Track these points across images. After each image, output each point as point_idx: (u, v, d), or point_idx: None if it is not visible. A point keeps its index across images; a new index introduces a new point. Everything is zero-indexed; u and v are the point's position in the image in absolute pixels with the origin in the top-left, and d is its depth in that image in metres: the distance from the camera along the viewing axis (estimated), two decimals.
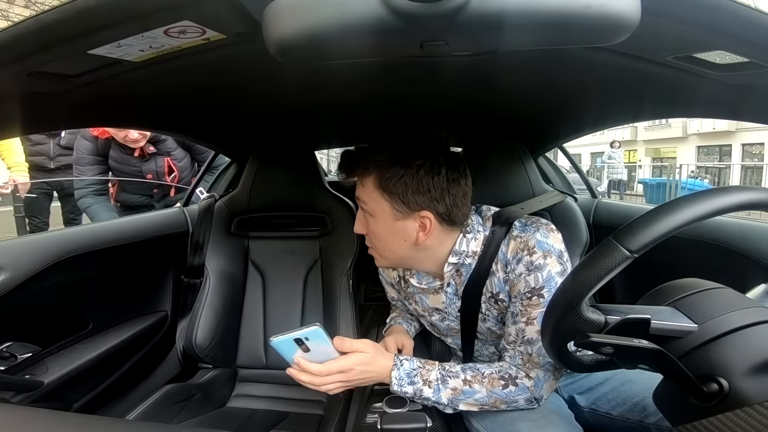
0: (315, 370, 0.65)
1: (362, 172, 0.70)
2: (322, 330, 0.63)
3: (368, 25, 0.33)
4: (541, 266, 0.66)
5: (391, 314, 1.00)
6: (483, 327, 0.79)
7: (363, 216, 0.74)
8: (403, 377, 0.70)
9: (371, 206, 0.70)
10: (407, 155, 0.67)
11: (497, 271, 0.72)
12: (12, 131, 0.77)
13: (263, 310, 1.24)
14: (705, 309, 0.42)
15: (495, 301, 0.74)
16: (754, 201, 0.40)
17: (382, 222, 0.70)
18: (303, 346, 0.64)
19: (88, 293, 1.03)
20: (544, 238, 0.68)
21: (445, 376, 0.70)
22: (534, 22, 0.33)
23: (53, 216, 2.75)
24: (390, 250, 0.73)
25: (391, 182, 0.66)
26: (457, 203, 0.68)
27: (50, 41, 0.44)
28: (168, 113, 0.91)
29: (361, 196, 0.71)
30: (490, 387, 0.69)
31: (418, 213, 0.67)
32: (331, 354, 0.67)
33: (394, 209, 0.68)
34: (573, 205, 1.22)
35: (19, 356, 0.87)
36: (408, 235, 0.69)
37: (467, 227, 0.73)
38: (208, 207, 1.25)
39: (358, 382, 0.69)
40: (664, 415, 0.47)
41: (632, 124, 10.03)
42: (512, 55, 0.56)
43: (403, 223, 0.69)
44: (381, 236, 0.72)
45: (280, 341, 0.63)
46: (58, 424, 0.39)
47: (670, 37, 0.46)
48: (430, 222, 0.68)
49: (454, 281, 0.77)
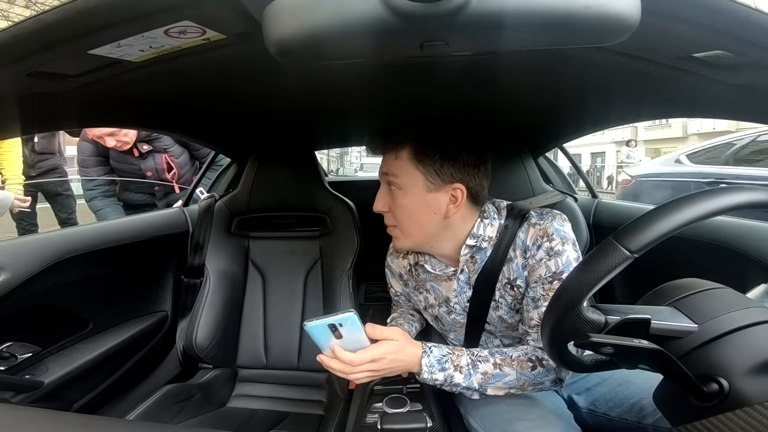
0: (348, 358, 0.65)
1: (397, 145, 0.72)
2: (357, 316, 0.63)
3: (368, 25, 0.33)
4: (560, 252, 0.69)
5: (391, 315, 1.00)
6: (494, 316, 0.79)
7: (388, 192, 0.75)
8: (434, 364, 0.70)
9: (403, 179, 0.72)
10: (442, 131, 0.71)
11: (516, 257, 0.74)
12: (12, 131, 0.77)
13: (263, 310, 1.24)
14: (705, 309, 0.42)
15: (511, 287, 0.75)
16: (755, 201, 0.40)
17: (413, 194, 0.71)
18: (336, 333, 0.64)
19: (88, 293, 1.03)
20: (560, 226, 0.72)
21: (475, 361, 0.71)
22: (534, 22, 0.33)
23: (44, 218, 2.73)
24: (417, 224, 0.73)
25: (428, 155, 0.69)
26: (483, 183, 0.73)
27: (50, 41, 0.44)
28: (168, 113, 0.91)
29: (393, 169, 0.73)
30: (520, 369, 0.69)
31: (451, 185, 0.71)
32: (362, 342, 0.66)
33: (427, 181, 0.70)
34: (573, 205, 1.23)
35: (19, 356, 0.87)
36: (439, 207, 0.72)
37: (485, 213, 0.76)
38: (209, 207, 1.25)
39: (387, 371, 0.69)
40: (664, 415, 0.47)
41: (632, 124, 10.04)
42: (512, 55, 0.56)
43: (435, 195, 0.71)
44: (410, 210, 0.73)
45: (315, 326, 0.63)
46: (58, 424, 0.39)
47: (670, 37, 0.46)
48: (462, 194, 0.71)
49: (468, 268, 0.78)
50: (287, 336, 1.21)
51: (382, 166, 0.75)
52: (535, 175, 1.18)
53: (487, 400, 0.74)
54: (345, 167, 17.74)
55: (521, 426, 0.66)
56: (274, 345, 1.22)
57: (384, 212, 0.76)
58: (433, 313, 0.89)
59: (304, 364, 1.19)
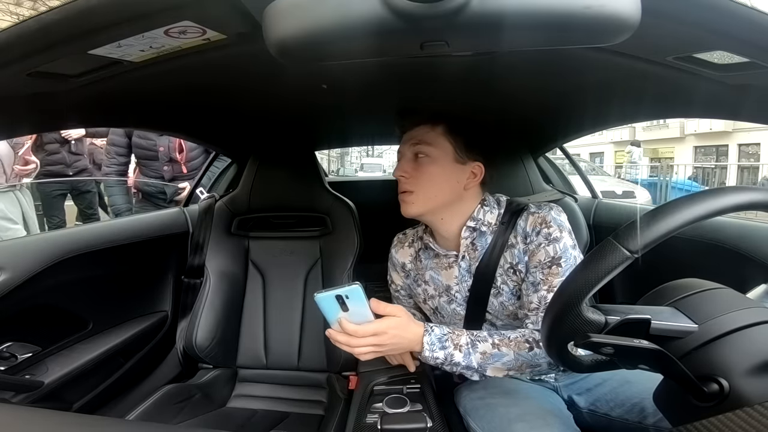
0: (352, 329, 0.68)
1: (434, 117, 0.81)
2: (361, 289, 0.66)
3: (368, 25, 0.33)
4: (558, 238, 0.74)
5: None
6: (495, 303, 0.82)
7: (412, 161, 0.81)
8: (435, 342, 0.72)
9: (436, 149, 0.79)
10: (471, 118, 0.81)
11: (517, 243, 0.78)
12: (12, 131, 0.77)
13: (263, 310, 1.24)
14: (705, 309, 0.42)
15: (513, 272, 0.79)
16: (755, 201, 0.40)
17: (441, 162, 0.79)
18: (343, 306, 0.67)
19: (88, 293, 1.03)
20: (557, 215, 0.78)
21: (474, 341, 0.74)
22: (534, 23, 0.33)
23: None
24: (437, 190, 0.79)
25: (461, 131, 0.80)
26: (491, 173, 0.83)
27: (51, 41, 0.44)
28: (168, 113, 0.91)
29: (428, 138, 0.80)
30: (517, 350, 0.72)
31: (474, 162, 0.80)
32: (368, 316, 0.69)
33: (456, 154, 0.79)
34: (573, 205, 1.23)
35: (20, 356, 0.87)
36: (460, 177, 0.80)
37: (485, 201, 0.83)
38: (209, 207, 1.25)
39: (389, 347, 0.72)
40: (664, 416, 0.47)
41: (632, 124, 10.06)
42: (512, 56, 0.56)
43: (461, 167, 0.80)
44: (434, 176, 0.79)
45: (323, 297, 0.67)
46: (58, 424, 0.39)
47: (671, 37, 0.46)
48: (480, 172, 0.81)
49: (468, 255, 0.82)
50: (287, 336, 1.21)
51: (413, 137, 0.81)
52: (535, 175, 1.18)
53: (486, 401, 0.74)
54: (345, 167, 17.77)
55: (520, 427, 0.66)
56: (274, 345, 1.22)
57: (404, 177, 0.81)
58: (432, 305, 0.90)
59: (304, 364, 1.19)
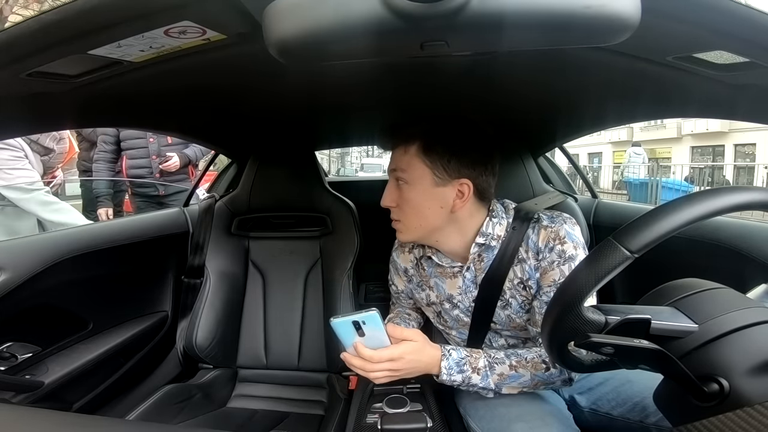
0: (368, 354, 0.67)
1: (407, 139, 0.74)
2: (379, 315, 0.66)
3: (368, 25, 0.33)
4: (573, 257, 0.70)
5: (389, 315, 1.00)
6: (502, 315, 0.80)
7: (396, 187, 0.76)
8: (453, 366, 0.72)
9: (411, 173, 0.73)
10: (451, 128, 0.73)
11: (528, 259, 0.74)
12: (12, 131, 0.77)
13: (263, 310, 1.24)
14: (705, 309, 0.42)
15: (523, 287, 0.76)
16: (755, 201, 0.40)
17: (420, 188, 0.73)
18: (360, 331, 0.67)
19: (88, 293, 1.03)
20: (572, 230, 0.73)
21: (492, 363, 0.73)
22: (534, 22, 0.33)
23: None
24: (423, 217, 0.74)
25: (435, 149, 0.71)
26: (489, 181, 0.75)
27: (51, 41, 0.44)
28: (168, 113, 0.91)
29: (401, 164, 0.74)
30: (534, 371, 0.71)
31: (458, 180, 0.72)
32: (384, 341, 0.69)
33: (434, 176, 0.72)
34: (573, 205, 1.22)
35: (20, 356, 0.87)
36: (445, 201, 0.73)
37: (493, 212, 0.78)
38: (209, 207, 1.25)
39: (406, 371, 0.71)
40: (665, 416, 0.47)
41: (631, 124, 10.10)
42: (512, 56, 0.56)
43: (442, 190, 0.73)
44: (416, 203, 0.74)
45: (339, 322, 0.66)
46: (58, 425, 0.39)
47: (671, 37, 0.46)
48: (468, 189, 0.72)
49: (474, 266, 0.79)
50: (287, 336, 1.21)
51: (391, 162, 0.77)
52: (535, 176, 1.18)
53: (486, 401, 0.74)
54: (346, 167, 17.78)
55: (519, 427, 0.66)
56: (274, 345, 1.22)
57: (391, 207, 0.77)
58: (436, 310, 0.89)
59: (304, 364, 1.19)
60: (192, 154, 2.40)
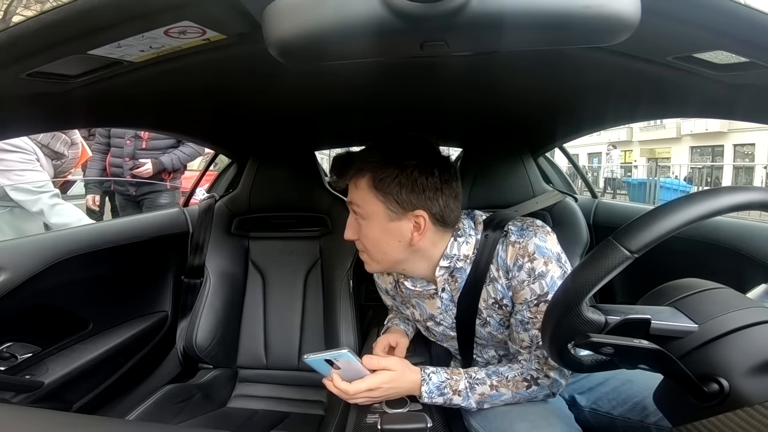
0: (344, 388, 0.69)
1: (355, 173, 0.69)
2: (350, 353, 0.68)
3: (368, 25, 0.33)
4: (543, 273, 0.67)
5: (389, 316, 1.00)
6: (483, 332, 0.79)
7: (355, 220, 0.74)
8: (433, 390, 0.73)
9: (364, 208, 0.70)
10: (400, 156, 0.67)
11: (499, 278, 0.72)
12: (12, 131, 0.77)
13: (263, 310, 1.24)
14: (705, 309, 0.42)
15: (498, 307, 0.74)
16: (754, 201, 0.40)
17: (376, 223, 0.70)
18: (334, 366, 0.70)
19: (88, 293, 1.03)
20: (542, 242, 0.69)
21: (472, 384, 0.73)
22: (534, 23, 0.33)
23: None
24: (383, 252, 0.72)
25: (385, 182, 0.66)
26: (450, 205, 0.69)
27: (51, 41, 0.44)
28: (168, 113, 0.91)
29: (354, 199, 0.71)
30: (515, 389, 0.72)
31: (413, 213, 0.68)
32: (361, 371, 0.70)
33: (388, 210, 0.68)
34: (573, 205, 1.22)
35: (20, 356, 0.87)
36: (402, 235, 0.69)
37: (458, 231, 0.74)
38: (209, 207, 1.25)
39: (385, 397, 0.73)
40: (665, 415, 0.47)
41: (630, 124, 10.23)
42: (512, 56, 0.56)
43: (398, 224, 0.69)
44: (374, 239, 0.71)
45: (313, 360, 0.69)
46: (58, 425, 0.39)
47: (670, 37, 0.46)
48: (424, 221, 0.68)
49: (449, 287, 0.77)
50: (287, 336, 1.21)
51: (348, 196, 0.73)
52: (535, 175, 1.18)
53: None
54: None
55: (521, 426, 0.66)
56: (274, 345, 1.22)
57: (354, 240, 0.75)
58: (423, 326, 0.89)
59: (304, 364, 1.19)
60: (168, 162, 2.31)
